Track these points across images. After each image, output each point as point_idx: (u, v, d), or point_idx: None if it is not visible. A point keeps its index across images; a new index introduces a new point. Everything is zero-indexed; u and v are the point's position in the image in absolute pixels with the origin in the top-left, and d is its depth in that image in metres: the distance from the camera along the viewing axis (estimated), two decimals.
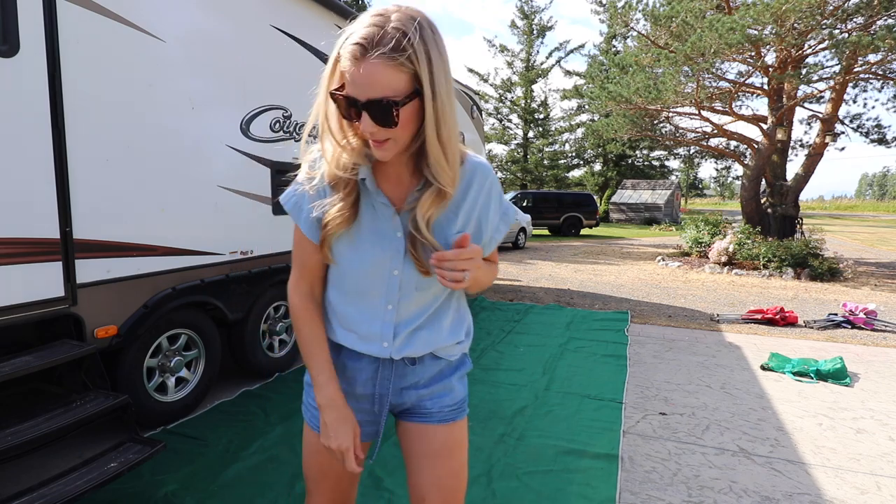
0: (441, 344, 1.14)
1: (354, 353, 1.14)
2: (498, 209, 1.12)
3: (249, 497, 2.24)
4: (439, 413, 1.16)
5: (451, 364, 1.19)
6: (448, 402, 1.17)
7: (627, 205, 26.20)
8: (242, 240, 3.37)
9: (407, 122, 0.92)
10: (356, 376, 1.15)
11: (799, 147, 13.16)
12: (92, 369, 2.31)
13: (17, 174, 2.12)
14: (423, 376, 1.15)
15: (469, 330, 1.22)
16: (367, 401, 1.17)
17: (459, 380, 1.21)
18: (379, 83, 0.87)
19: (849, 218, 40.95)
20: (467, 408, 1.23)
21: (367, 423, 1.19)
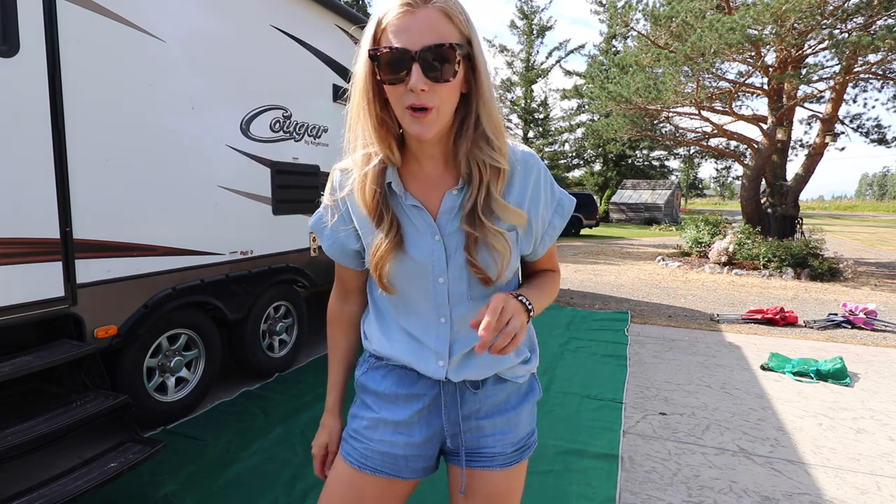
0: (507, 363, 1.00)
1: (407, 381, 1.01)
2: (550, 201, 0.99)
3: (249, 497, 2.24)
4: (502, 455, 1.01)
5: (518, 390, 1.04)
6: (512, 440, 1.02)
7: (627, 205, 26.20)
8: (242, 240, 3.37)
9: (456, 86, 0.84)
10: (411, 405, 1.00)
11: (799, 147, 13.18)
12: (92, 369, 2.31)
13: (18, 174, 2.12)
14: (485, 403, 1.01)
15: (534, 345, 1.08)
16: (420, 433, 1.01)
17: (527, 412, 1.05)
18: (437, 29, 0.79)
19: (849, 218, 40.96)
20: (535, 442, 1.08)
21: (417, 459, 1.03)
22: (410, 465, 1.02)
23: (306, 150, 3.93)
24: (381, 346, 1.02)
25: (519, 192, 0.94)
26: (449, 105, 0.85)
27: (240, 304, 3.37)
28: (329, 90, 4.16)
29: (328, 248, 1.03)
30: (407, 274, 0.94)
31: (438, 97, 0.82)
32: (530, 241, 0.99)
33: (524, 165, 0.95)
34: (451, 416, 1.01)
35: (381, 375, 1.03)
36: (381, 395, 1.03)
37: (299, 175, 3.86)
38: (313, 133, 3.99)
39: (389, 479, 1.02)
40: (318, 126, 4.04)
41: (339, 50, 4.27)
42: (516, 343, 0.81)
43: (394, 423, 1.01)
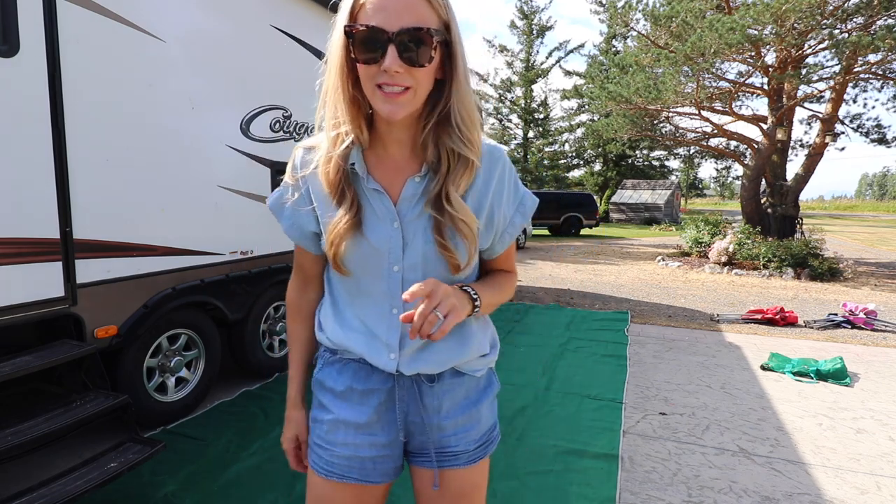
0: (463, 357, 0.98)
1: (362, 375, 0.99)
2: (512, 198, 0.97)
3: (249, 497, 2.24)
4: (465, 453, 1.00)
5: (477, 385, 1.03)
6: (474, 437, 1.01)
7: (627, 205, 26.20)
8: (242, 240, 3.37)
9: (433, 71, 0.83)
10: (367, 401, 0.98)
11: (799, 147, 13.18)
12: (92, 369, 2.30)
13: (18, 174, 2.12)
14: (444, 400, 0.99)
15: (495, 340, 1.07)
16: (381, 431, 0.99)
17: (488, 406, 1.04)
18: (415, 11, 0.78)
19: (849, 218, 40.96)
20: (498, 435, 1.08)
21: (385, 460, 1.01)
22: (378, 467, 1.00)
23: None
24: (334, 335, 0.99)
25: (483, 184, 0.93)
26: (423, 89, 0.84)
27: (240, 304, 3.37)
28: None
29: (287, 228, 1.01)
30: (363, 258, 0.92)
31: (413, 79, 0.81)
32: (490, 236, 0.97)
33: (490, 158, 0.94)
34: (409, 411, 0.99)
35: (337, 371, 1.01)
36: (337, 394, 1.00)
37: None
38: (313, 133, 3.99)
39: (361, 485, 0.99)
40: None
41: None
42: (444, 331, 0.79)
43: (354, 424, 0.99)
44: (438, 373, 0.98)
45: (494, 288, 0.99)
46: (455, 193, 0.88)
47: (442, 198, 0.88)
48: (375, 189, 0.91)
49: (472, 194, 0.93)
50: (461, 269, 0.91)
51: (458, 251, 0.90)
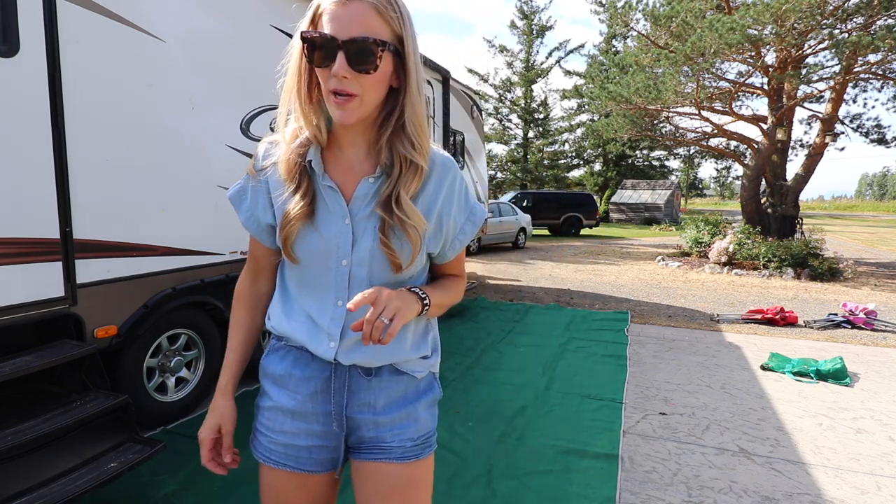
0: (402, 356, 1.00)
1: (302, 362, 1.01)
2: (463, 207, 1.02)
3: (249, 497, 2.24)
4: (400, 448, 1.00)
5: (416, 386, 1.04)
6: (411, 435, 1.01)
7: (627, 205, 26.20)
8: (242, 240, 3.37)
9: (380, 79, 0.88)
10: (303, 388, 1.00)
11: (799, 147, 13.18)
12: (92, 369, 2.30)
13: (18, 174, 2.12)
14: (381, 395, 1.00)
15: (436, 345, 1.08)
16: (317, 421, 1.01)
17: (427, 408, 1.05)
18: (364, 22, 0.84)
19: (849, 218, 40.96)
20: (435, 443, 1.07)
21: (320, 450, 1.02)
22: (314, 456, 1.02)
23: None
24: (278, 323, 1.03)
25: (433, 191, 0.97)
26: (372, 95, 0.88)
27: None
28: None
29: (244, 220, 1.05)
30: (312, 248, 0.95)
31: (361, 86, 0.86)
32: (439, 241, 1.01)
33: (441, 168, 0.98)
34: (345, 404, 1.00)
35: (280, 357, 1.04)
36: (277, 379, 1.03)
37: None
38: None
39: (301, 473, 1.02)
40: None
41: None
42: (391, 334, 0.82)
43: (291, 411, 1.02)
44: (376, 367, 1.00)
45: (444, 290, 1.03)
46: (405, 196, 0.92)
47: (392, 200, 0.92)
48: (330, 186, 0.95)
49: (423, 199, 0.96)
50: (402, 268, 0.95)
51: (401, 252, 0.94)
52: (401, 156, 0.92)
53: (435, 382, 1.10)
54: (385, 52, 0.86)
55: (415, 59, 0.90)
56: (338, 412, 1.01)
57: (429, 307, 0.95)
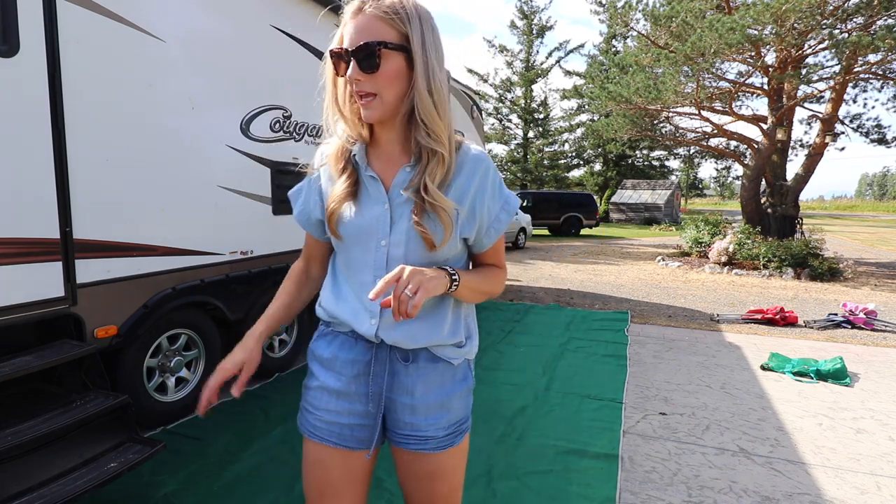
0: (437, 340, 1.07)
1: (347, 345, 1.10)
2: (497, 197, 1.09)
3: (249, 497, 2.24)
4: (434, 438, 1.08)
5: (452, 374, 1.11)
6: (444, 424, 1.09)
7: (627, 205, 26.19)
8: (242, 240, 3.37)
9: (392, 77, 0.97)
10: (347, 370, 1.10)
11: (799, 147, 13.18)
12: (92, 369, 2.30)
13: (17, 174, 2.12)
14: (418, 381, 1.07)
15: (471, 334, 1.15)
16: (359, 401, 1.10)
17: (460, 398, 1.12)
18: (368, 31, 0.95)
19: (849, 218, 40.96)
20: (469, 426, 1.15)
21: (361, 428, 1.11)
22: (356, 434, 1.11)
23: (306, 150, 3.93)
24: (327, 306, 1.13)
25: (465, 180, 1.05)
26: (389, 92, 0.98)
27: (240, 304, 3.37)
28: None
29: (297, 214, 1.18)
30: (354, 228, 1.06)
31: (376, 85, 0.97)
32: (473, 228, 1.08)
33: (474, 160, 1.07)
34: (384, 387, 1.09)
35: (328, 342, 1.14)
36: (324, 362, 1.13)
37: (299, 175, 3.85)
38: (313, 133, 3.99)
39: (343, 450, 1.10)
40: (319, 126, 4.04)
41: None
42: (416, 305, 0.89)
43: (335, 391, 1.10)
44: (413, 350, 1.08)
45: (479, 275, 1.10)
46: (431, 184, 0.99)
47: (421, 186, 1.00)
48: (371, 176, 1.06)
49: (455, 188, 1.04)
50: (435, 246, 1.02)
51: (434, 231, 1.01)
52: (424, 146, 1.00)
53: (469, 371, 1.16)
54: (387, 51, 0.95)
55: (422, 55, 0.96)
56: (377, 394, 1.09)
57: (458, 283, 1.01)
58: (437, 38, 1.00)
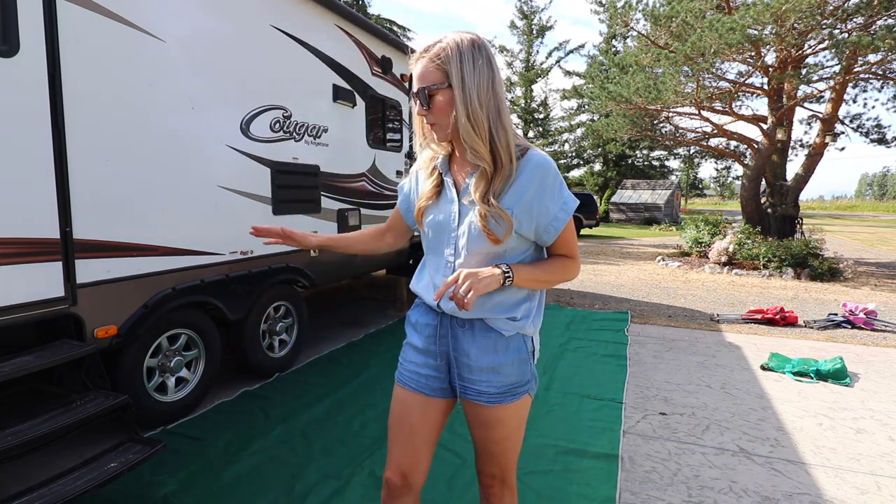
0: (491, 313, 1.28)
1: (425, 311, 1.39)
2: (556, 198, 1.25)
3: (249, 497, 2.24)
4: (486, 394, 1.30)
5: (505, 344, 1.30)
6: (495, 384, 1.29)
7: (627, 205, 26.19)
8: (242, 240, 3.37)
9: (442, 110, 1.22)
10: (424, 332, 1.38)
11: (799, 147, 13.17)
12: (92, 369, 2.30)
13: (17, 174, 2.12)
14: (473, 345, 1.30)
15: (530, 314, 1.32)
16: (433, 357, 1.37)
17: (512, 365, 1.30)
18: (422, 77, 1.22)
19: (849, 218, 40.95)
20: (522, 392, 1.33)
21: (434, 379, 1.37)
22: (430, 384, 1.37)
23: (306, 150, 3.93)
24: (413, 281, 1.44)
25: (524, 183, 1.23)
26: (443, 120, 1.23)
27: (240, 304, 3.37)
28: (329, 90, 4.16)
29: (400, 203, 1.51)
30: (436, 224, 1.33)
31: (434, 117, 1.24)
32: (531, 224, 1.26)
33: (534, 165, 1.24)
34: (447, 345, 1.34)
35: (417, 311, 1.44)
36: (413, 325, 1.43)
37: (299, 175, 3.86)
38: (313, 133, 3.99)
39: (421, 395, 1.37)
40: (319, 126, 4.04)
41: (339, 50, 4.27)
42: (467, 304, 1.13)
43: (416, 347, 1.40)
44: (469, 319, 1.30)
45: (542, 266, 1.30)
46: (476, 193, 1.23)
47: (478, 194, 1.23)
48: (448, 181, 1.33)
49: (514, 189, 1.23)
50: (499, 241, 1.23)
51: (496, 230, 1.22)
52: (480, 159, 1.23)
53: (524, 344, 1.33)
54: (435, 91, 1.21)
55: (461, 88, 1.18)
56: (444, 353, 1.35)
57: (511, 279, 1.22)
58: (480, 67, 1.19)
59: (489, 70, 1.20)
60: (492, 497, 1.41)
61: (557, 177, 1.25)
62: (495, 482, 1.39)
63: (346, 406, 3.20)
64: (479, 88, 1.18)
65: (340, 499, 2.23)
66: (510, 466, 1.39)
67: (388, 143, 5.16)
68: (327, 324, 5.25)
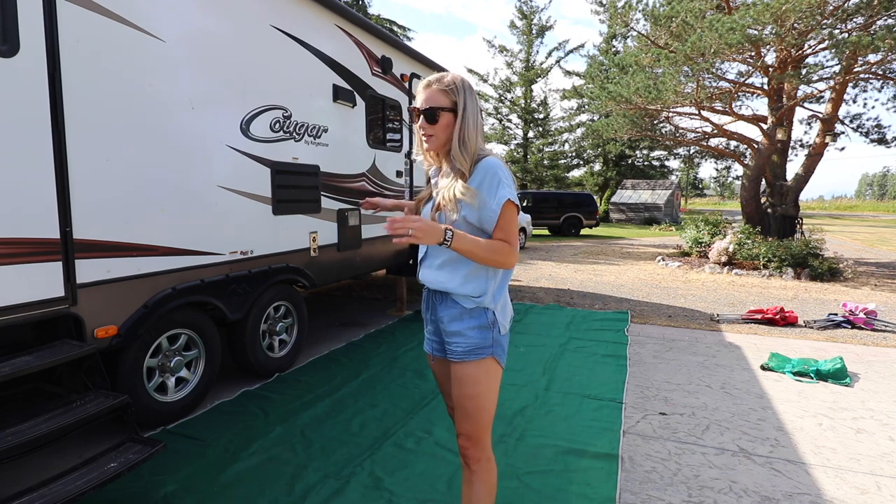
0: (452, 289, 1.59)
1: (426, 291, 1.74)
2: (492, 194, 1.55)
3: (249, 497, 2.24)
4: (455, 353, 1.60)
5: (468, 313, 1.59)
6: (461, 344, 1.59)
7: (627, 205, 26.19)
8: (242, 240, 3.37)
9: (444, 126, 1.58)
10: (425, 305, 1.76)
11: (799, 147, 13.16)
12: (92, 369, 2.30)
13: (18, 174, 2.12)
14: (445, 314, 1.62)
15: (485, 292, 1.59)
16: (430, 324, 1.75)
17: (473, 330, 1.58)
18: (432, 99, 1.57)
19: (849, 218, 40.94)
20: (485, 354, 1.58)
21: (435, 342, 1.74)
22: (434, 346, 1.76)
23: (306, 150, 3.93)
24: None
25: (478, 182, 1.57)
26: (440, 135, 1.59)
27: (240, 304, 3.37)
28: (329, 90, 4.16)
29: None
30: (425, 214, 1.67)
31: (434, 130, 1.59)
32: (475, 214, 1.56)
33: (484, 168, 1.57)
34: (431, 312, 1.72)
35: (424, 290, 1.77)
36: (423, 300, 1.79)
37: (299, 175, 3.86)
38: (313, 133, 3.99)
39: (435, 357, 1.77)
40: (319, 126, 4.04)
41: (339, 50, 4.27)
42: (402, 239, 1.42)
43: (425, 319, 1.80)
44: (440, 292, 1.64)
45: (479, 242, 1.52)
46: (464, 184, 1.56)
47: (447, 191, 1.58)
48: (434, 182, 1.72)
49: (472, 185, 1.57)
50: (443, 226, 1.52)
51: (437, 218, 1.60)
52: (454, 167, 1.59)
53: (485, 314, 1.59)
54: (443, 113, 1.56)
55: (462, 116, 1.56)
56: (433, 320, 1.72)
57: (450, 241, 1.46)
58: (475, 100, 1.59)
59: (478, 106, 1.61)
60: (468, 458, 1.62)
61: (496, 177, 1.54)
62: (470, 443, 1.61)
63: (346, 406, 3.20)
64: (473, 118, 1.57)
65: (340, 499, 2.23)
66: (483, 427, 1.61)
67: (388, 143, 5.16)
68: (327, 324, 5.25)
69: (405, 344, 4.51)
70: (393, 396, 3.35)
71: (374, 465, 2.48)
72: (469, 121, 1.56)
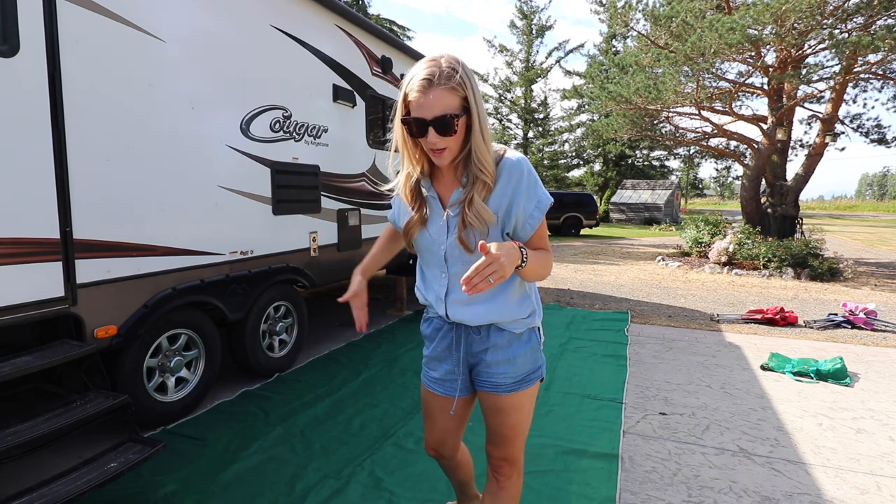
0: (502, 318, 1.39)
1: (437, 325, 1.52)
2: (531, 198, 1.32)
3: (249, 497, 2.24)
4: (503, 385, 1.43)
5: (518, 338, 1.42)
6: (511, 375, 1.42)
7: (627, 205, 26.19)
8: (242, 240, 3.37)
9: (459, 133, 1.25)
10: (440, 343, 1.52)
11: (799, 147, 13.17)
12: (92, 369, 2.31)
13: (18, 174, 2.12)
14: (489, 347, 1.42)
15: (534, 309, 1.44)
16: (448, 363, 1.52)
17: (525, 356, 1.43)
18: (442, 103, 1.20)
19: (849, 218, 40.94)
20: (535, 378, 1.46)
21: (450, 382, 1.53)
22: (451, 385, 1.53)
23: (306, 150, 3.93)
24: (420, 290, 1.53)
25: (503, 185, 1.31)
26: (456, 145, 1.27)
27: (240, 304, 3.37)
28: (329, 90, 4.16)
29: (390, 217, 1.60)
30: (425, 242, 1.41)
31: (446, 142, 1.25)
32: (511, 222, 1.34)
33: (510, 168, 1.31)
34: (463, 350, 1.47)
35: (427, 323, 1.58)
36: (426, 337, 1.59)
37: (299, 175, 3.86)
38: (313, 133, 3.99)
39: (441, 395, 1.55)
40: (319, 126, 4.04)
41: (339, 50, 4.27)
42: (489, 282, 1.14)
43: (435, 358, 1.55)
44: (481, 326, 1.42)
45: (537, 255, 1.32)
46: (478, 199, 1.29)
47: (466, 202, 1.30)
48: (433, 196, 1.40)
49: (496, 193, 1.32)
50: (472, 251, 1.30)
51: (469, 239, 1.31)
52: (472, 174, 1.29)
53: (534, 334, 1.46)
54: (457, 118, 1.22)
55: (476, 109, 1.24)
56: (459, 357, 1.49)
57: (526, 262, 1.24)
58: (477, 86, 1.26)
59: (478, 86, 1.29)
60: (501, 477, 1.52)
61: (531, 175, 1.32)
62: (505, 464, 1.52)
63: (346, 406, 3.20)
64: (482, 107, 1.27)
65: (340, 499, 2.23)
66: (520, 447, 1.52)
67: (388, 143, 5.16)
68: (327, 324, 5.25)
69: (405, 344, 4.51)
70: (393, 396, 3.35)
71: (375, 465, 2.48)
72: (483, 115, 1.26)
